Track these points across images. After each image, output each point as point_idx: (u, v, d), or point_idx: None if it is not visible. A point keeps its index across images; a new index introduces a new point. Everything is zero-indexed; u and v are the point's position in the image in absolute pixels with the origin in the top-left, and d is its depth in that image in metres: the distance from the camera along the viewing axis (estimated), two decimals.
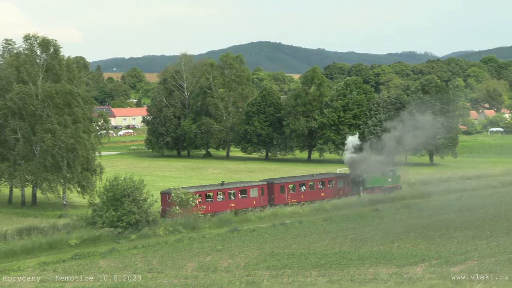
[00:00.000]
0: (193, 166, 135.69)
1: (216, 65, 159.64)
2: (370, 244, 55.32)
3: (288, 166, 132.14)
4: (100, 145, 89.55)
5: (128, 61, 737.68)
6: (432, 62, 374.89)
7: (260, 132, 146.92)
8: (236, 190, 77.60)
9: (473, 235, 57.73)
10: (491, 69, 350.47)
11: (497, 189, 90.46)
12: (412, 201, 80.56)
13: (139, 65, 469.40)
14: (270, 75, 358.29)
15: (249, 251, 54.22)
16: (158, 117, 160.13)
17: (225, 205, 75.71)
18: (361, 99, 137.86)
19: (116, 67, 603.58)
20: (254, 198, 78.47)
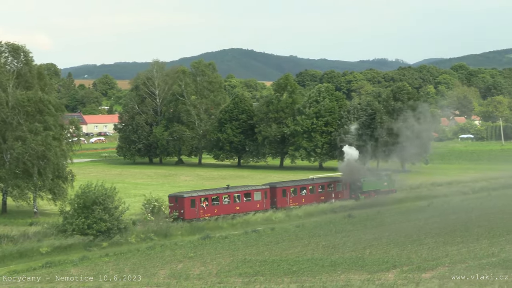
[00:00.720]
0: (165, 173, 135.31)
1: (188, 72, 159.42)
2: (342, 251, 55.44)
3: (261, 173, 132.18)
4: (71, 152, 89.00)
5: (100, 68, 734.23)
6: (403, 69, 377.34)
7: (232, 139, 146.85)
8: (241, 194, 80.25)
9: (444, 241, 58.05)
10: (461, 76, 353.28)
11: (468, 196, 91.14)
12: (384, 208, 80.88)
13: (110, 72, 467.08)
14: (242, 82, 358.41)
15: (221, 258, 54.12)
16: (130, 124, 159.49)
17: (231, 208, 78.22)
18: (333, 106, 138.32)
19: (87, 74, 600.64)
20: (258, 201, 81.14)
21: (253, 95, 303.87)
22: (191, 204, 74.75)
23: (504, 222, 66.95)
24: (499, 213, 73.53)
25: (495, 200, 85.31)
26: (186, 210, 74.08)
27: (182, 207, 74.18)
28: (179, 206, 74.43)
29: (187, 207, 74.25)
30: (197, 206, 75.17)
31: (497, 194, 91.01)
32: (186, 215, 73.82)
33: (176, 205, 74.72)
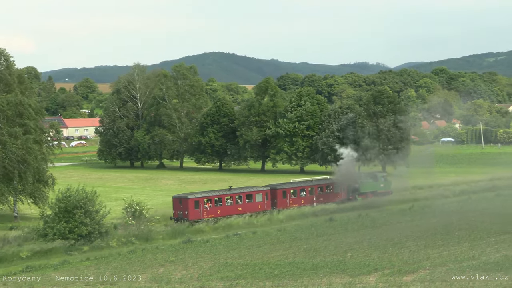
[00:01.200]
0: (147, 177, 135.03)
1: (169, 76, 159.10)
2: (324, 254, 55.50)
3: (242, 176, 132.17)
4: (52, 156, 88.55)
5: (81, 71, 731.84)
6: (384, 73, 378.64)
7: (214, 143, 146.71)
8: (243, 195, 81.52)
9: (425, 244, 58.26)
10: (442, 80, 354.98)
11: (448, 199, 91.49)
12: (365, 211, 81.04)
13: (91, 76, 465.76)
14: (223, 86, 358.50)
15: (203, 262, 54.04)
16: (110, 128, 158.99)
17: (233, 209, 79.65)
18: (315, 109, 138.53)
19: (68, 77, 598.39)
20: (259, 202, 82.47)
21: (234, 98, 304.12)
22: (195, 205, 76.06)
23: (484, 225, 67.30)
24: (479, 216, 73.88)
25: (476, 203, 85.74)
26: (190, 211, 75.37)
27: (186, 208, 75.41)
28: (183, 207, 75.72)
29: (191, 208, 75.52)
30: (200, 207, 76.44)
31: (477, 197, 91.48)
32: (190, 216, 75.09)
33: (180, 206, 76.06)
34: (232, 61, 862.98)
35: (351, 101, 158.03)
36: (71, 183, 71.69)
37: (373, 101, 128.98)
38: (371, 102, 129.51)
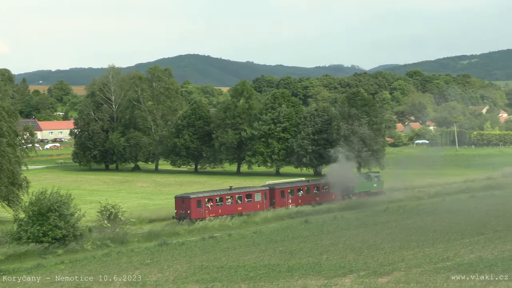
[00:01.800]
0: (122, 180, 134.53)
1: (144, 78, 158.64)
2: (299, 256, 55.57)
3: (217, 179, 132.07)
4: (26, 158, 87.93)
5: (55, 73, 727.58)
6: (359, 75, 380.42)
7: (189, 145, 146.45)
8: (243, 195, 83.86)
9: (400, 246, 58.51)
10: (416, 82, 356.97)
11: (423, 200, 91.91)
12: (340, 213, 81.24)
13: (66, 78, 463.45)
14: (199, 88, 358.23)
15: (178, 265, 53.91)
16: (85, 130, 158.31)
17: (233, 208, 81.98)
18: (290, 112, 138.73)
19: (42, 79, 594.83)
20: (258, 202, 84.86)
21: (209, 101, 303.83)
22: (197, 204, 78.22)
23: (458, 227, 67.73)
24: (454, 218, 74.31)
25: (450, 204, 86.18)
26: (193, 210, 77.45)
27: (189, 207, 77.51)
28: (186, 206, 77.79)
29: (193, 207, 77.60)
30: (202, 206, 78.65)
31: (451, 199, 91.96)
32: (192, 215, 77.12)
33: (183, 205, 78.04)
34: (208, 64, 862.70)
35: (326, 104, 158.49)
36: (46, 186, 71.22)
37: (348, 104, 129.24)
38: (346, 104, 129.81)
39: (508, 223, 68.75)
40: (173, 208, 79.86)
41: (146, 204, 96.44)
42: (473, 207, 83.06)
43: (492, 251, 54.97)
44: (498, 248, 56.11)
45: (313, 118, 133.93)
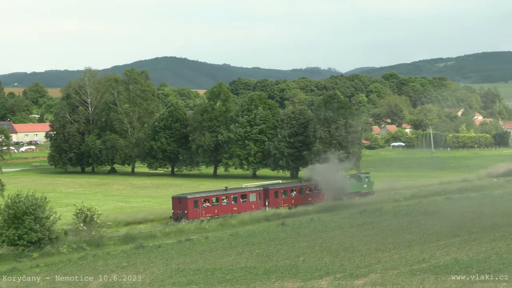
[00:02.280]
0: (98, 182, 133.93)
1: (120, 80, 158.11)
2: (276, 259, 55.61)
3: (194, 181, 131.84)
4: (1, 161, 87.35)
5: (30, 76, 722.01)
6: (336, 77, 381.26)
7: (166, 148, 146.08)
8: (238, 195, 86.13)
9: (376, 248, 58.71)
10: (392, 85, 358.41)
11: (399, 203, 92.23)
12: (316, 216, 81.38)
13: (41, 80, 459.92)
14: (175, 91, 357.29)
15: (155, 268, 53.77)
16: (61, 133, 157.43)
17: (229, 208, 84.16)
18: (267, 114, 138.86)
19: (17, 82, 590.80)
20: (253, 202, 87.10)
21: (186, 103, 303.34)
22: (194, 204, 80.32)
23: (434, 229, 68.07)
24: (429, 220, 74.67)
25: (426, 207, 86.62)
26: (190, 210, 79.53)
27: (186, 207, 79.49)
28: (183, 206, 79.76)
29: (190, 207, 79.67)
30: (199, 206, 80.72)
31: (427, 201, 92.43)
32: (189, 215, 79.14)
33: (180, 206, 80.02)
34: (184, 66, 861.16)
35: (303, 106, 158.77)
36: (21, 189, 70.78)
37: (325, 106, 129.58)
38: (323, 107, 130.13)
39: (483, 225, 69.23)
40: (150, 210, 79.79)
41: (123, 207, 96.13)
42: (449, 209, 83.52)
43: (468, 252, 55.31)
44: (473, 250, 56.46)
45: (290, 120, 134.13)
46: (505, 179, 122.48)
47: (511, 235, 62.90)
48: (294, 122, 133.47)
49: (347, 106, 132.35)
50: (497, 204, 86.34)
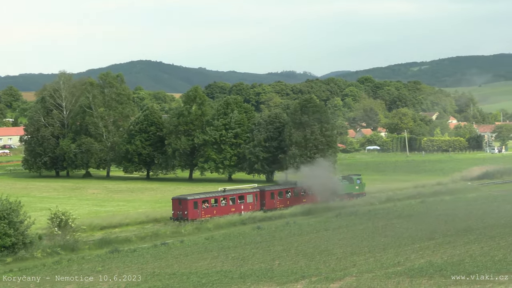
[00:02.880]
0: (72, 187, 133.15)
1: (96, 84, 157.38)
2: (252, 262, 55.61)
3: (170, 185, 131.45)
4: None
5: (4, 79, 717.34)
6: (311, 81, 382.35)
7: (141, 151, 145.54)
8: (235, 196, 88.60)
9: (351, 251, 58.88)
10: (367, 88, 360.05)
11: (374, 206, 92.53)
12: (292, 219, 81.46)
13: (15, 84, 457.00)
14: (151, 94, 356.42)
15: (130, 272, 53.52)
16: (35, 136, 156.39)
17: (227, 209, 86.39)
18: (242, 118, 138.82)
19: None
20: (250, 203, 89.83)
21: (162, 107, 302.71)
22: (194, 205, 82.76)
23: (409, 232, 68.40)
24: (404, 223, 75.05)
25: (401, 210, 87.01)
26: (190, 211, 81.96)
27: (186, 208, 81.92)
28: (183, 207, 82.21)
29: (190, 208, 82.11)
30: (199, 207, 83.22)
31: (402, 205, 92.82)
32: (189, 215, 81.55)
33: (180, 206, 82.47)
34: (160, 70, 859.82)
35: (279, 110, 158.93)
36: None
37: (301, 110, 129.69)
38: (299, 111, 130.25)
39: (457, 228, 69.69)
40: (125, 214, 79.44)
41: (98, 211, 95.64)
42: (424, 212, 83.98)
43: (442, 255, 55.65)
44: (447, 252, 56.81)
45: (266, 125, 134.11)
46: (479, 182, 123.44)
47: (484, 238, 63.43)
48: (270, 127, 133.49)
49: (322, 110, 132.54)
50: (471, 208, 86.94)
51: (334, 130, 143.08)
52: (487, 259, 53.61)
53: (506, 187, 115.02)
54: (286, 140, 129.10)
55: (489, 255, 55.10)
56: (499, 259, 53.41)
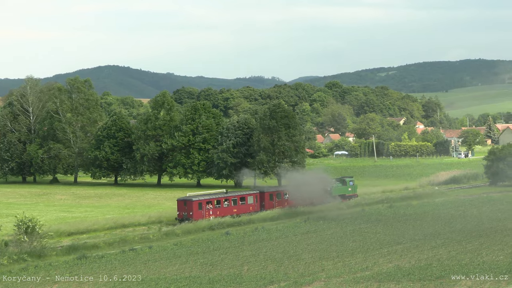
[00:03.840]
0: (40, 192, 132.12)
1: (64, 89, 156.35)
2: (220, 268, 55.53)
3: (138, 191, 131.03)
4: None
5: None
6: (279, 87, 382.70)
7: (109, 157, 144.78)
8: (237, 198, 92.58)
9: (320, 256, 59.03)
10: (335, 94, 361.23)
11: (342, 211, 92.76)
12: (261, 224, 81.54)
13: None
14: (118, 100, 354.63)
15: (98, 278, 53.18)
16: (1, 142, 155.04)
17: (230, 210, 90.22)
18: (210, 123, 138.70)
19: None
20: (251, 204, 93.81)
21: (130, 112, 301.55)
22: (199, 206, 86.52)
23: (377, 236, 68.76)
24: (372, 228, 75.41)
25: (369, 215, 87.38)
26: (195, 212, 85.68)
27: (191, 209, 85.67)
28: (188, 208, 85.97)
29: (195, 209, 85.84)
30: (203, 208, 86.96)
31: (370, 209, 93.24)
32: (194, 216, 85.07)
33: (185, 207, 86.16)
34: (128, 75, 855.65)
35: (247, 115, 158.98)
36: None
37: (269, 116, 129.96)
38: (267, 116, 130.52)
39: (425, 233, 70.19)
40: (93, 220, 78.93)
41: (65, 217, 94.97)
42: (392, 217, 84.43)
43: (410, 260, 56.00)
44: (415, 257, 57.18)
45: (234, 130, 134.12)
46: (446, 187, 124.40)
47: (452, 242, 63.94)
48: (239, 132, 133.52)
49: (290, 116, 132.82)
50: (438, 212, 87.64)
51: (302, 135, 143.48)
52: (454, 263, 54.06)
53: (472, 191, 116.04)
54: (254, 146, 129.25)
55: (456, 259, 55.58)
56: (466, 263, 53.88)
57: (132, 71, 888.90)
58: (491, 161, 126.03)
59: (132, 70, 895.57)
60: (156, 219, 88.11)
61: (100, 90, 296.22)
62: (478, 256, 56.57)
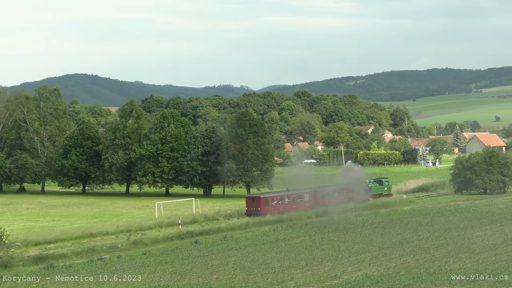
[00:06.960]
0: (6, 202, 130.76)
1: (32, 98, 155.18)
2: (189, 277, 55.40)
3: (106, 200, 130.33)
4: None
5: None
6: (248, 95, 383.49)
7: (77, 166, 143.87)
8: (296, 195, 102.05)
9: (289, 264, 59.12)
10: (304, 102, 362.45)
11: (311, 219, 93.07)
12: (230, 233, 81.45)
13: None
14: (87, 108, 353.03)
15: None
16: None
17: (290, 206, 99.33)
18: (179, 132, 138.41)
19: None
20: (307, 201, 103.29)
21: (98, 121, 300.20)
22: (266, 203, 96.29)
23: (346, 245, 68.98)
24: (341, 236, 75.64)
25: (337, 223, 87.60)
26: (262, 207, 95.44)
27: (259, 205, 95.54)
28: (256, 204, 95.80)
29: (263, 205, 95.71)
30: (269, 204, 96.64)
31: (339, 218, 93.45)
32: (261, 211, 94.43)
33: (253, 204, 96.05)
34: (96, 83, 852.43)
35: (216, 124, 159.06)
36: None
37: (237, 124, 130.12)
38: (235, 124, 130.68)
39: (393, 241, 70.59)
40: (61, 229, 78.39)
41: (32, 227, 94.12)
42: (360, 225, 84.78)
43: (378, 268, 56.28)
44: (383, 265, 57.48)
45: (203, 138, 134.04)
46: (414, 195, 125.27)
47: (419, 250, 64.37)
48: (207, 141, 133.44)
49: (259, 124, 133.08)
50: (406, 220, 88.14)
51: (271, 143, 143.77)
52: (422, 271, 54.44)
53: (440, 199, 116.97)
54: (223, 154, 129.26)
55: (424, 267, 55.97)
56: (434, 271, 54.28)
57: (100, 80, 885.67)
58: (458, 170, 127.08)
59: (101, 79, 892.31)
60: (125, 228, 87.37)
61: (68, 99, 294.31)
62: (446, 264, 57.02)
